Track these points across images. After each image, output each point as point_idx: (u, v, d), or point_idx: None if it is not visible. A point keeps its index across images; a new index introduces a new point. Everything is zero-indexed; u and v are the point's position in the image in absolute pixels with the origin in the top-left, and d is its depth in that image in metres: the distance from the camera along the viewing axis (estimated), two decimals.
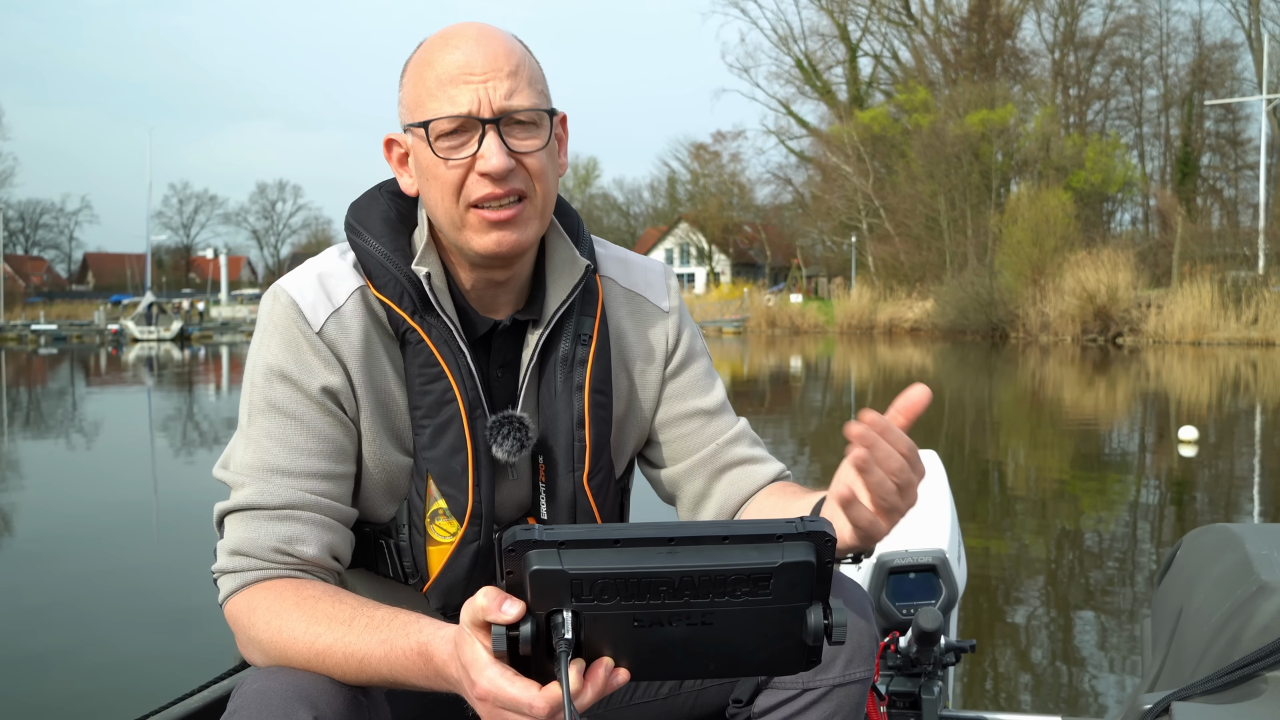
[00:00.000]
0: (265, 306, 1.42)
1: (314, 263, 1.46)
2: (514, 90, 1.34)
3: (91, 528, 7.93)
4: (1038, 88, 51.32)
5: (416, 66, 1.38)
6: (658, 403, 1.58)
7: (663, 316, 1.58)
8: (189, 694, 1.87)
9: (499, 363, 1.47)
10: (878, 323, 43.25)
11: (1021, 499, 8.74)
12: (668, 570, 0.98)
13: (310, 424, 1.36)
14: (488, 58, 1.34)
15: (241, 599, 1.31)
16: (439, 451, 1.41)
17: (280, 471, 1.34)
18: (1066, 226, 37.25)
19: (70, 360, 33.34)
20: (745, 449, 1.57)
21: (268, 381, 1.37)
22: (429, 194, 1.39)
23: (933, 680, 1.91)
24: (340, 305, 1.39)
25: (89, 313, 56.31)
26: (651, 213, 73.12)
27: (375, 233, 1.43)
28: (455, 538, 1.42)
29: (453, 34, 1.37)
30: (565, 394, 1.46)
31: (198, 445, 12.63)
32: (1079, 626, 5.19)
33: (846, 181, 51.04)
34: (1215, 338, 31.26)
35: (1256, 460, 10.71)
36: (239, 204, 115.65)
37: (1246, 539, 1.71)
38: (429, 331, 1.40)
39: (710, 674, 1.09)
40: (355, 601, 1.27)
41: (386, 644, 1.19)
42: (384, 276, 1.40)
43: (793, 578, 1.02)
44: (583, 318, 1.48)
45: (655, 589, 0.99)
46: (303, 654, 1.23)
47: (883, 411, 1.22)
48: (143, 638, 5.25)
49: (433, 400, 1.40)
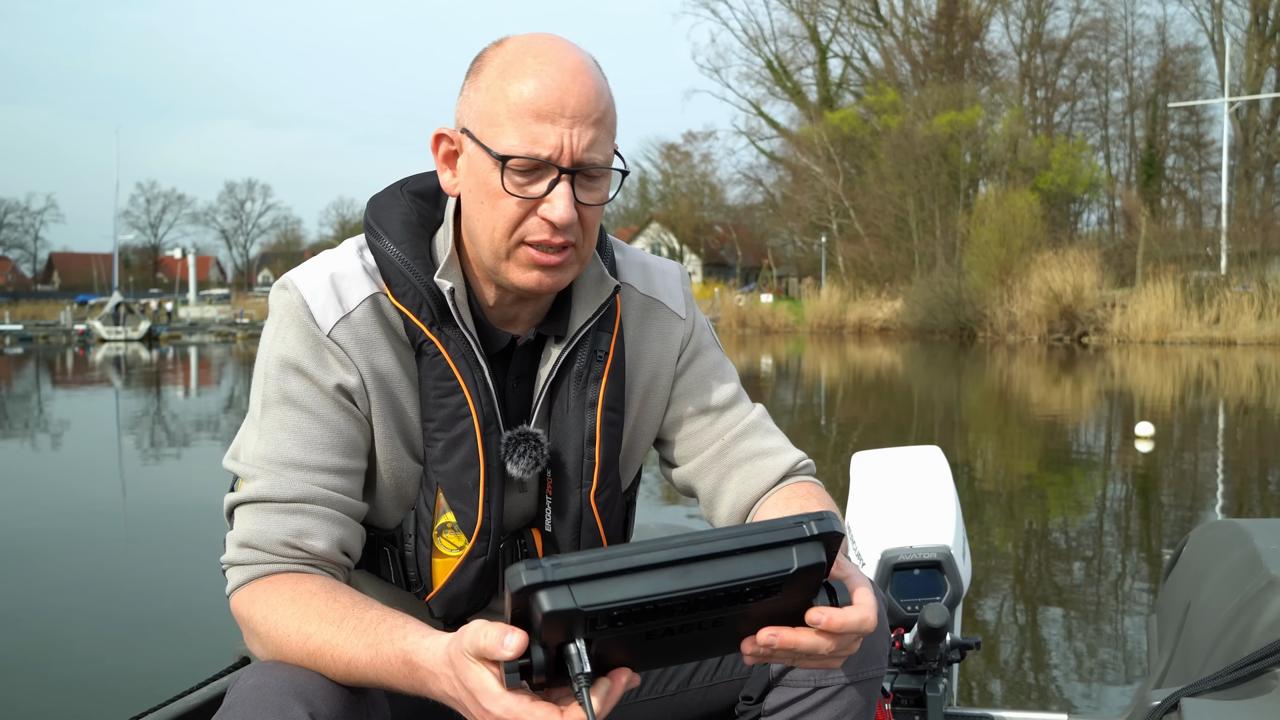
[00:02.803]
0: (277, 299, 1.40)
1: (329, 260, 1.42)
2: (595, 141, 1.31)
3: (58, 529, 7.81)
4: (1005, 90, 51.72)
5: (500, 76, 1.31)
6: (668, 404, 1.57)
7: (680, 323, 1.56)
8: (186, 692, 1.85)
9: (515, 374, 1.45)
10: (847, 322, 43.42)
11: (1020, 497, 8.80)
12: (682, 593, 0.97)
13: (324, 417, 1.35)
14: (579, 100, 1.29)
15: (246, 592, 1.30)
16: (451, 466, 1.39)
17: (293, 464, 1.32)
18: (1033, 227, 37.57)
19: (36, 361, 32.85)
20: (757, 441, 1.55)
21: (282, 373, 1.35)
22: (478, 214, 1.35)
23: (938, 677, 1.90)
24: (350, 310, 1.37)
25: (55, 313, 55.49)
26: (623, 213, 73.01)
27: (395, 237, 1.40)
28: (462, 552, 1.41)
29: (546, 55, 1.31)
30: (578, 410, 1.44)
31: (166, 446, 12.49)
32: (1084, 622, 5.21)
33: (816, 182, 51.19)
34: (1178, 337, 31.65)
35: (1257, 455, 10.85)
36: (207, 203, 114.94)
37: (1254, 534, 1.71)
38: (446, 344, 1.38)
39: (715, 655, 1.13)
40: (349, 600, 1.25)
41: (373, 648, 1.18)
42: (403, 285, 1.37)
43: (804, 580, 1.03)
44: (600, 333, 1.47)
45: (670, 611, 0.98)
46: (296, 652, 1.22)
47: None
48: (114, 640, 5.18)
49: (447, 414, 1.38)
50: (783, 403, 17.21)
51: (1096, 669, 4.57)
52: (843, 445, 11.54)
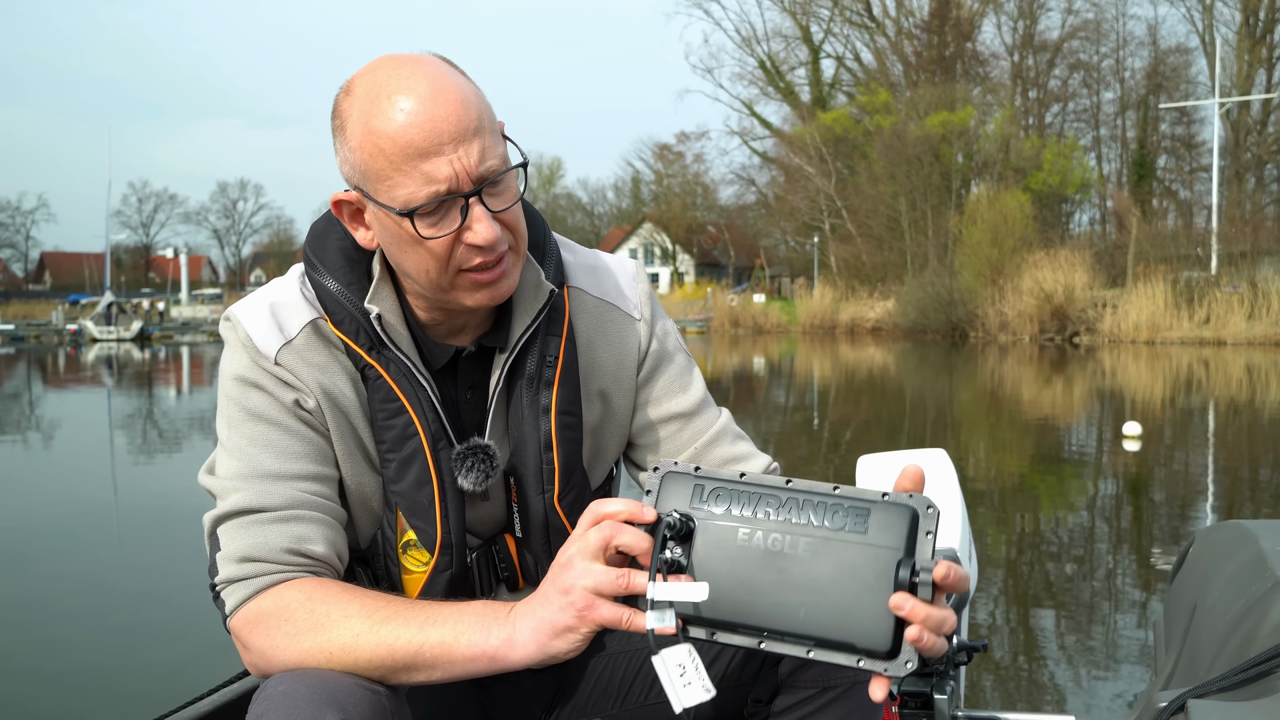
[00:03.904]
0: (224, 331, 1.42)
1: (270, 290, 1.43)
2: (484, 150, 1.27)
3: (50, 530, 7.79)
4: (997, 90, 51.88)
5: (365, 130, 1.27)
6: (633, 410, 1.56)
7: (633, 324, 1.55)
8: (198, 698, 1.83)
9: (467, 385, 1.46)
10: (840, 322, 43.48)
11: (1016, 497, 8.82)
12: (778, 486, 1.14)
13: (291, 428, 1.35)
14: (451, 120, 1.25)
15: (256, 605, 1.28)
16: (405, 485, 1.40)
17: (271, 475, 1.32)
18: (1025, 227, 37.66)
19: (28, 360, 32.73)
20: (727, 448, 1.57)
21: (242, 392, 1.36)
22: (405, 260, 1.33)
23: (945, 680, 1.90)
24: (292, 338, 1.38)
25: (46, 312, 55.39)
26: (616, 213, 73.02)
27: (331, 266, 1.41)
28: (427, 568, 1.42)
29: (400, 89, 1.26)
30: (532, 417, 1.44)
31: (158, 446, 12.46)
32: (1090, 624, 5.22)
33: (809, 182, 51.25)
34: (1168, 337, 31.76)
35: (1258, 454, 10.90)
36: (199, 203, 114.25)
37: (1261, 535, 1.71)
38: (386, 366, 1.38)
39: (794, 626, 1.10)
40: (387, 593, 1.29)
41: (451, 606, 1.23)
42: (340, 313, 1.38)
43: (890, 520, 1.08)
44: (549, 338, 1.46)
45: (764, 504, 1.12)
46: (354, 629, 1.21)
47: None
48: (108, 641, 5.18)
49: (395, 435, 1.39)
50: (776, 403, 17.22)
51: (1102, 670, 4.57)
52: (834, 446, 11.55)
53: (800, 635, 1.10)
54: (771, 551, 1.11)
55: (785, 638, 1.11)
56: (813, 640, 1.10)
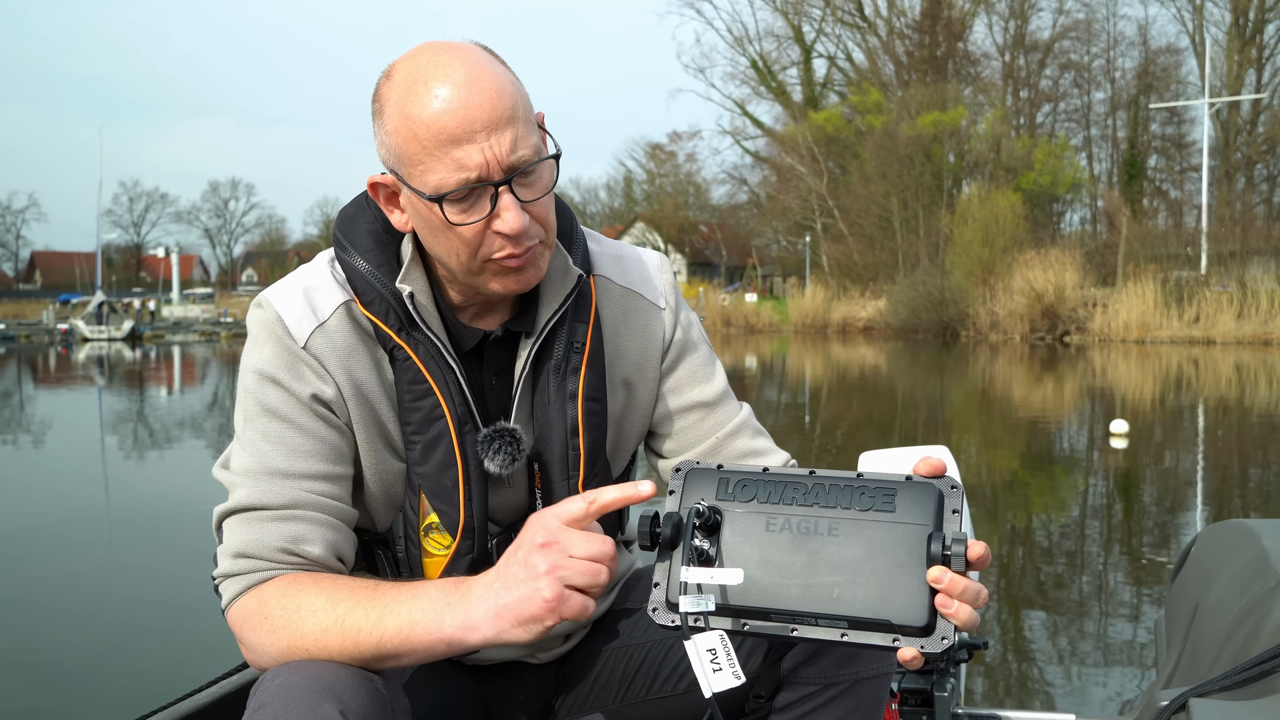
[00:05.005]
0: (253, 318, 1.41)
1: (301, 274, 1.45)
2: (517, 138, 1.28)
3: (41, 531, 7.76)
4: (988, 90, 51.95)
5: (402, 114, 1.28)
6: (656, 398, 1.58)
7: (658, 313, 1.57)
8: (194, 691, 1.83)
9: (493, 370, 1.46)
10: (831, 322, 43.50)
11: (1010, 495, 8.84)
12: (802, 475, 1.17)
13: (305, 426, 1.36)
14: (486, 108, 1.26)
15: (248, 599, 1.29)
16: (430, 467, 1.41)
17: (279, 473, 1.33)
18: (1016, 227, 37.73)
19: (19, 360, 32.59)
20: (747, 441, 1.58)
21: (260, 386, 1.36)
22: (436, 245, 1.36)
23: (945, 677, 1.91)
24: (325, 319, 1.39)
25: (37, 312, 55.07)
26: (608, 212, 72.93)
27: (361, 247, 1.41)
28: (449, 551, 1.43)
29: (438, 75, 1.27)
30: (559, 402, 1.45)
31: (149, 446, 12.41)
32: (1091, 622, 5.21)
33: (801, 182, 51.28)
34: (1158, 336, 31.85)
35: (1260, 453, 10.93)
36: (191, 202, 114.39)
37: (1263, 534, 1.71)
38: (415, 348, 1.39)
39: (828, 607, 1.10)
40: (369, 580, 1.29)
41: (411, 589, 1.22)
42: (370, 293, 1.39)
43: (917, 497, 1.10)
44: (576, 324, 1.47)
45: (790, 492, 1.15)
46: (321, 623, 1.22)
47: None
48: (103, 641, 5.15)
49: (422, 416, 1.40)
50: (768, 401, 17.24)
51: (1103, 668, 4.58)
52: (827, 447, 11.56)
53: (834, 616, 1.09)
54: (801, 535, 1.12)
55: (818, 621, 1.10)
56: (846, 621, 1.09)
